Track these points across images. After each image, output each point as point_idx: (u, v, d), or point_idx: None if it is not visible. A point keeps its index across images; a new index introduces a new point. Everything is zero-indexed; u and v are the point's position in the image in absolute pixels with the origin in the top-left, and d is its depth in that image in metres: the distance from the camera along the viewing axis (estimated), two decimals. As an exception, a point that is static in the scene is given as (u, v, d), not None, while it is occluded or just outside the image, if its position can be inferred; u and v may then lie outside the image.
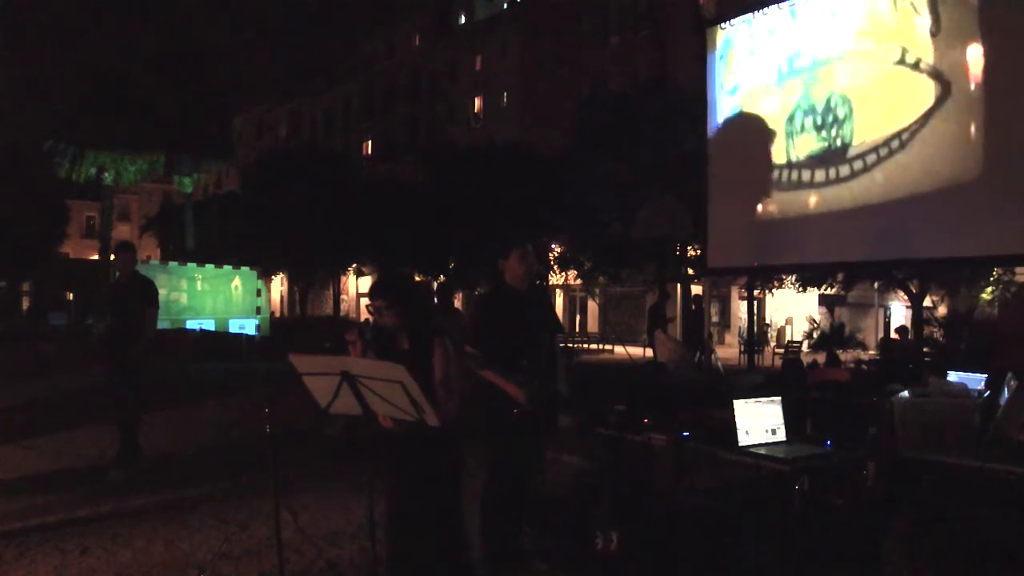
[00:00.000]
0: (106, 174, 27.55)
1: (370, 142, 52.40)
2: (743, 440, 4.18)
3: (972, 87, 7.18)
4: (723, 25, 9.62)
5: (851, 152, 8.11)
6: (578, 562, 4.32)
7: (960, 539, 3.73)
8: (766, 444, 4.22)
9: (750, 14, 9.19)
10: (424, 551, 3.40)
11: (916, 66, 7.54)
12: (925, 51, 7.48)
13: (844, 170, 8.18)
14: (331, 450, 7.07)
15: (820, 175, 8.42)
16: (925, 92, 7.48)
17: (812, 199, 8.57)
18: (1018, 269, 17.31)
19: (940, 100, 7.36)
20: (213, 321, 20.86)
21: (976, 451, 4.05)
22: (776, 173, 8.90)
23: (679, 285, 23.86)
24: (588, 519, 4.33)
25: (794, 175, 8.72)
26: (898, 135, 7.65)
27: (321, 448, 7.20)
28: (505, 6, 44.35)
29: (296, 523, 4.52)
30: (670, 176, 18.13)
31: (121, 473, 6.44)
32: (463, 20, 47.89)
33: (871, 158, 7.92)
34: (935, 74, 7.40)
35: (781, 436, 4.31)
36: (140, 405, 6.89)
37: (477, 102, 45.34)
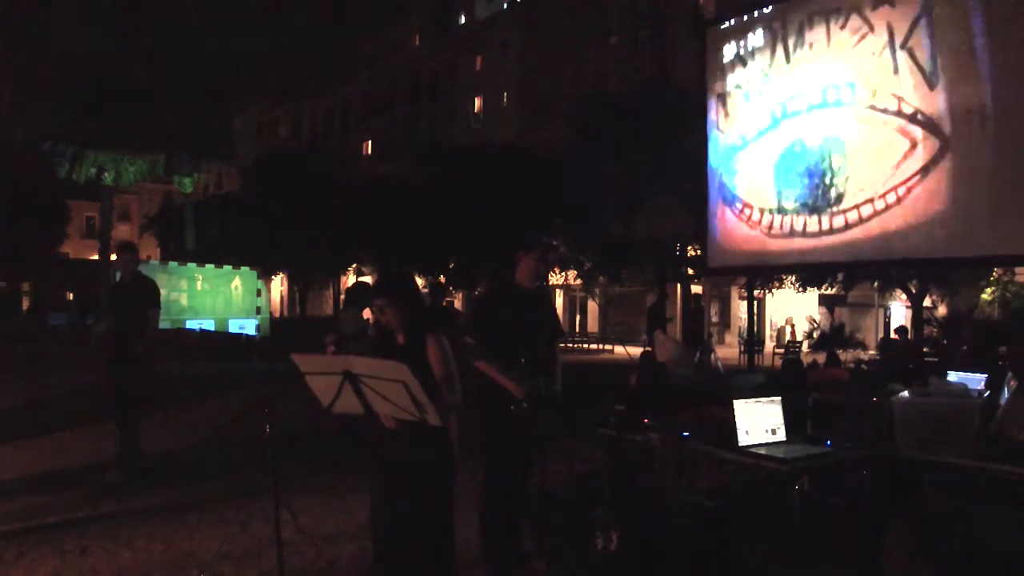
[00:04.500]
0: (106, 174, 27.57)
1: (370, 142, 52.37)
2: (743, 440, 4.19)
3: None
4: (724, 26, 9.61)
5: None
6: (578, 562, 4.32)
7: (960, 539, 3.73)
8: (766, 444, 4.22)
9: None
10: (413, 552, 3.39)
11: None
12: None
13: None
14: (331, 450, 7.08)
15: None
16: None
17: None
18: (1018, 269, 17.33)
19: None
20: (213, 321, 20.89)
21: (976, 451, 4.05)
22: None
23: (679, 285, 23.86)
24: (588, 519, 4.33)
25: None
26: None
27: (321, 448, 7.21)
28: (505, 6, 44.31)
29: (296, 523, 4.52)
30: (670, 176, 18.12)
31: (121, 473, 6.42)
32: (463, 20, 47.88)
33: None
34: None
35: (781, 436, 4.31)
36: (141, 405, 6.89)
37: (477, 102, 45.31)
